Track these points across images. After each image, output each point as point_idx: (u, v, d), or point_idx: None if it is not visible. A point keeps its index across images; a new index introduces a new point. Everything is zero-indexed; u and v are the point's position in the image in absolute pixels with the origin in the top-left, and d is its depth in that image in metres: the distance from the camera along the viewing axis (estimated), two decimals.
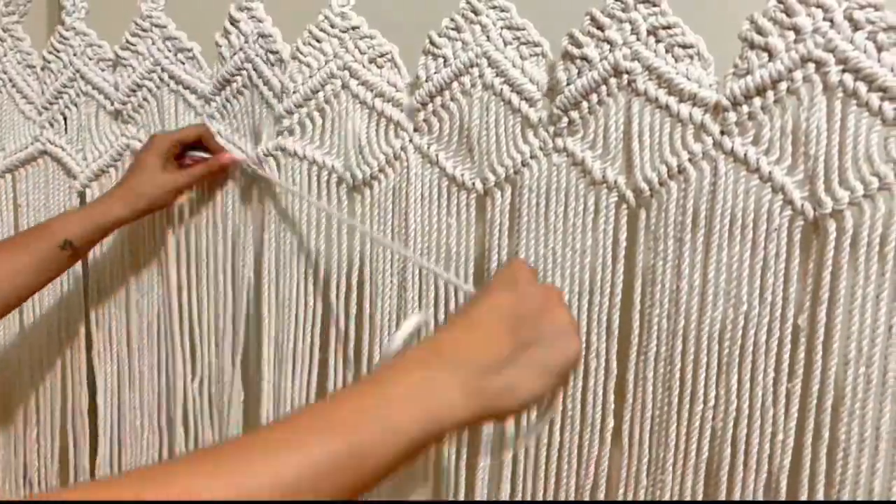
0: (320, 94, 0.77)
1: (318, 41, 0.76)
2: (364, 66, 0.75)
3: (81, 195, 0.95)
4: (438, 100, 0.72)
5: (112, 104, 0.91)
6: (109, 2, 0.92)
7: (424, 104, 0.73)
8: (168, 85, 0.86)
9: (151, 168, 0.79)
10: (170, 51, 0.85)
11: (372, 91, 0.75)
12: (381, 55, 0.75)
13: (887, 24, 0.55)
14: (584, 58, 0.64)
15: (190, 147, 0.82)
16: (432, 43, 0.72)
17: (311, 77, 0.77)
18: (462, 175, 0.72)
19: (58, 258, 0.78)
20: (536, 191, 0.69)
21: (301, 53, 0.77)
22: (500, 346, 0.42)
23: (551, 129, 0.68)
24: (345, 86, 0.76)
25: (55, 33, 0.93)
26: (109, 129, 0.91)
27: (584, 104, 0.65)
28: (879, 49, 0.56)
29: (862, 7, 0.56)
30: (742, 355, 0.62)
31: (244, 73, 0.81)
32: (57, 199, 0.96)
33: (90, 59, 0.91)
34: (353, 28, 0.75)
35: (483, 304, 0.44)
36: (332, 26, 0.76)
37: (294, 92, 0.78)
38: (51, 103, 0.95)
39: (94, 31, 0.91)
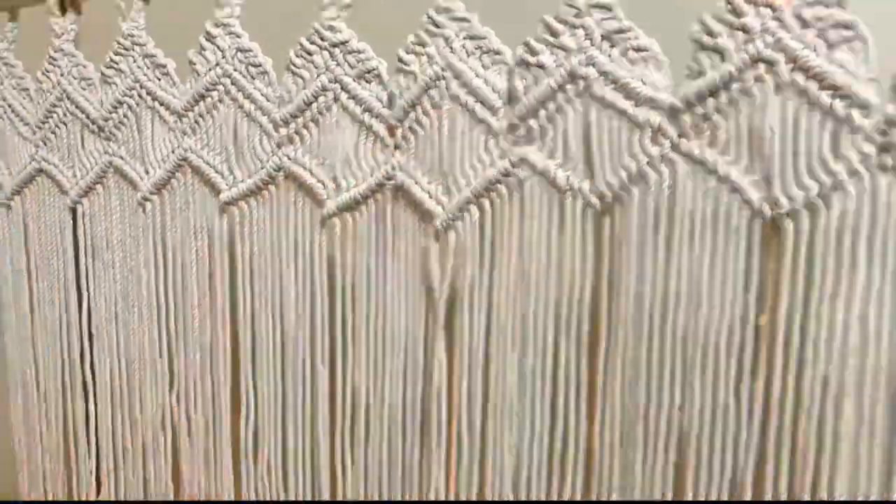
0: (314, 105, 0.78)
1: (309, 54, 0.77)
2: (354, 80, 0.76)
3: (73, 211, 0.97)
4: (412, 115, 0.73)
5: (95, 122, 0.93)
6: (99, 23, 0.95)
7: (400, 121, 0.73)
8: (145, 101, 0.88)
9: None
10: (148, 68, 0.87)
11: (361, 105, 0.76)
12: (369, 71, 0.75)
13: (836, 20, 0.55)
14: (540, 65, 0.65)
15: None
16: (401, 60, 0.72)
17: (303, 88, 0.78)
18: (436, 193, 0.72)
19: None
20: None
21: (294, 65, 0.78)
22: None
23: (510, 138, 0.68)
24: (336, 98, 0.77)
25: (46, 55, 0.96)
26: (94, 147, 0.94)
27: (542, 112, 0.66)
28: (830, 46, 0.56)
29: (811, 4, 0.56)
30: (704, 358, 0.62)
31: (220, 88, 0.82)
32: (52, 216, 0.99)
33: (75, 78, 0.93)
34: (343, 43, 0.75)
35: None
36: (322, 39, 0.76)
37: (288, 102, 0.79)
38: (43, 122, 0.98)
39: (81, 52, 0.94)
